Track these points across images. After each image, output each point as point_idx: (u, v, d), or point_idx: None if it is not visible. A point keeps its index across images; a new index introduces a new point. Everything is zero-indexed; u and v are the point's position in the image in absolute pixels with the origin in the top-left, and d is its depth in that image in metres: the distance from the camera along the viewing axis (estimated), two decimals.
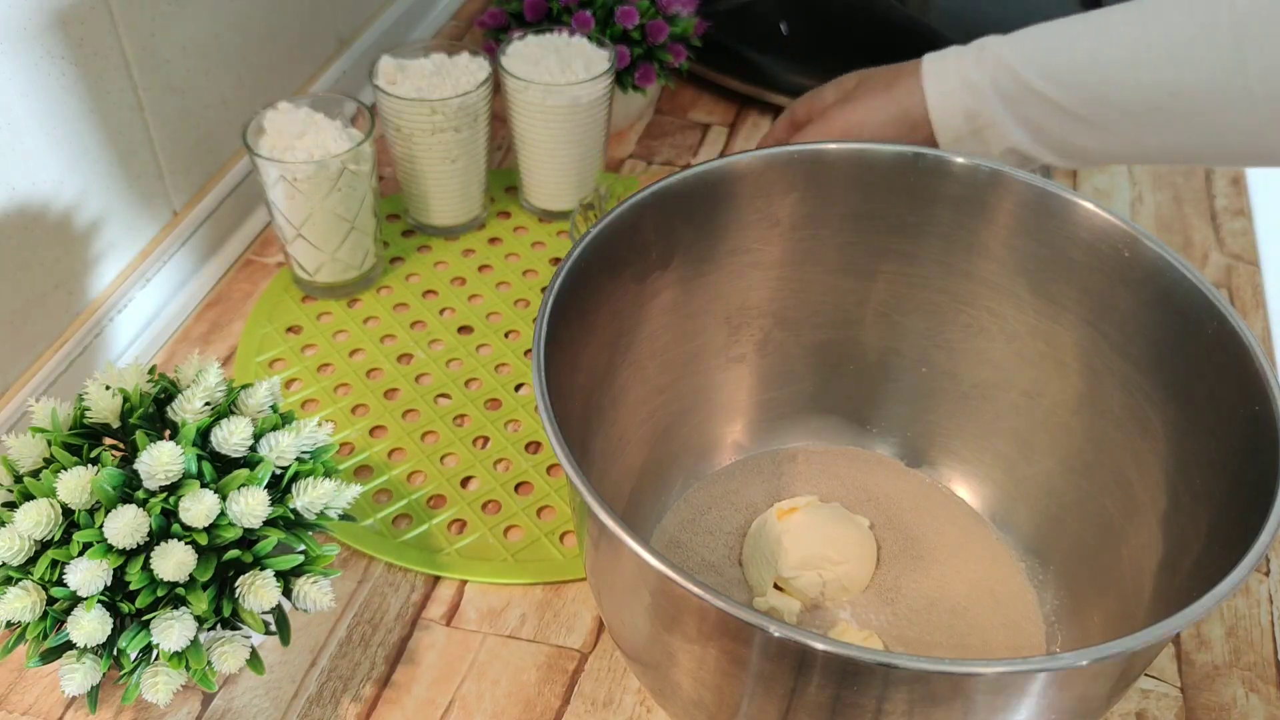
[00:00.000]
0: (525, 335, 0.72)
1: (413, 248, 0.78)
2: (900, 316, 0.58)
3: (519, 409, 0.67)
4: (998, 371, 0.57)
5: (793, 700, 0.39)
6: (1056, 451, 0.56)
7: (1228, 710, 0.54)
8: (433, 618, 0.57)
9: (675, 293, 0.55)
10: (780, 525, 0.55)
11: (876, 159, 0.54)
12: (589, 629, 0.56)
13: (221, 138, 0.75)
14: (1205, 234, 0.81)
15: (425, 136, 0.72)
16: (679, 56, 0.83)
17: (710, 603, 0.36)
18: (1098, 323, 0.52)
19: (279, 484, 0.49)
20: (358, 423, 0.66)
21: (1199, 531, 0.45)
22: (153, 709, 0.53)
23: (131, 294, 0.69)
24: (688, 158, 0.87)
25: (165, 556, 0.44)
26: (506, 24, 0.82)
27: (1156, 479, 0.49)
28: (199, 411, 0.49)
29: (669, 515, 0.59)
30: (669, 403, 0.58)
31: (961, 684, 0.37)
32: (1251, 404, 0.43)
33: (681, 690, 0.44)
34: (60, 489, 0.45)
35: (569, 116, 0.73)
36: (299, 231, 0.69)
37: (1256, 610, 0.58)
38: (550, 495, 0.62)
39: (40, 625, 0.45)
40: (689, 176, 0.52)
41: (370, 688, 0.54)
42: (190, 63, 0.70)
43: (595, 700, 0.53)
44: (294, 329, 0.72)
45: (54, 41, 0.59)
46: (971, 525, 0.59)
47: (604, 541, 0.43)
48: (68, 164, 0.62)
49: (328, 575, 0.49)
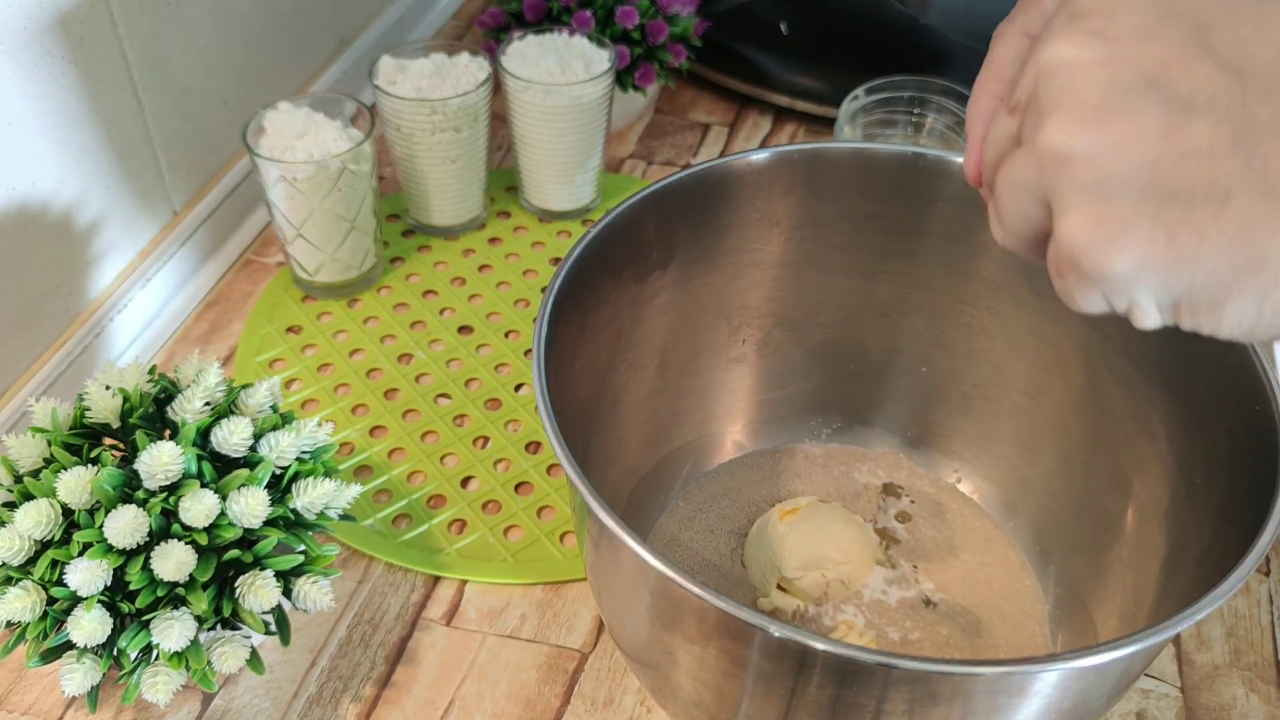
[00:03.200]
0: (525, 335, 0.72)
1: (413, 248, 0.78)
2: (901, 316, 0.58)
3: (519, 409, 0.67)
4: (998, 371, 0.57)
5: (793, 700, 0.39)
6: (1057, 451, 0.56)
7: (1228, 710, 0.54)
8: (433, 618, 0.57)
9: (675, 293, 0.55)
10: (782, 526, 0.55)
11: (877, 159, 0.54)
12: (589, 629, 0.56)
13: (221, 138, 0.75)
14: None
15: (425, 136, 0.72)
16: (679, 56, 0.83)
17: (710, 603, 0.36)
18: (1098, 323, 0.51)
19: (279, 484, 0.49)
20: (358, 423, 0.66)
21: (1199, 531, 0.45)
22: (153, 709, 0.53)
23: (131, 294, 0.69)
24: (688, 158, 0.87)
25: (165, 556, 0.44)
26: (506, 24, 0.82)
27: (1157, 479, 0.49)
28: (199, 411, 0.49)
29: (669, 515, 0.59)
30: (669, 403, 0.58)
31: (961, 684, 0.37)
32: (1251, 404, 0.43)
33: (681, 690, 0.44)
34: (60, 489, 0.45)
35: (569, 116, 0.73)
36: (299, 231, 0.69)
37: (1256, 610, 0.58)
38: (550, 495, 0.62)
39: (40, 625, 0.45)
40: (689, 176, 0.52)
41: (370, 688, 0.54)
42: (190, 63, 0.70)
43: (595, 700, 0.53)
44: (294, 329, 0.72)
45: (54, 41, 0.59)
46: (973, 524, 0.59)
47: (604, 541, 0.43)
48: (68, 164, 0.62)
49: (328, 575, 0.49)
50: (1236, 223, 0.28)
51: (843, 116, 0.73)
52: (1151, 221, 0.29)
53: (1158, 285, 0.29)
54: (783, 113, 0.91)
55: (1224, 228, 0.28)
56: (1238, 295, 0.29)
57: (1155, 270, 0.29)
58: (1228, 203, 0.28)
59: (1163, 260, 0.29)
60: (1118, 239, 0.29)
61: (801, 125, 0.90)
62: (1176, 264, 0.29)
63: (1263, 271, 0.28)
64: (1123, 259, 0.29)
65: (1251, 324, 0.29)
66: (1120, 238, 0.29)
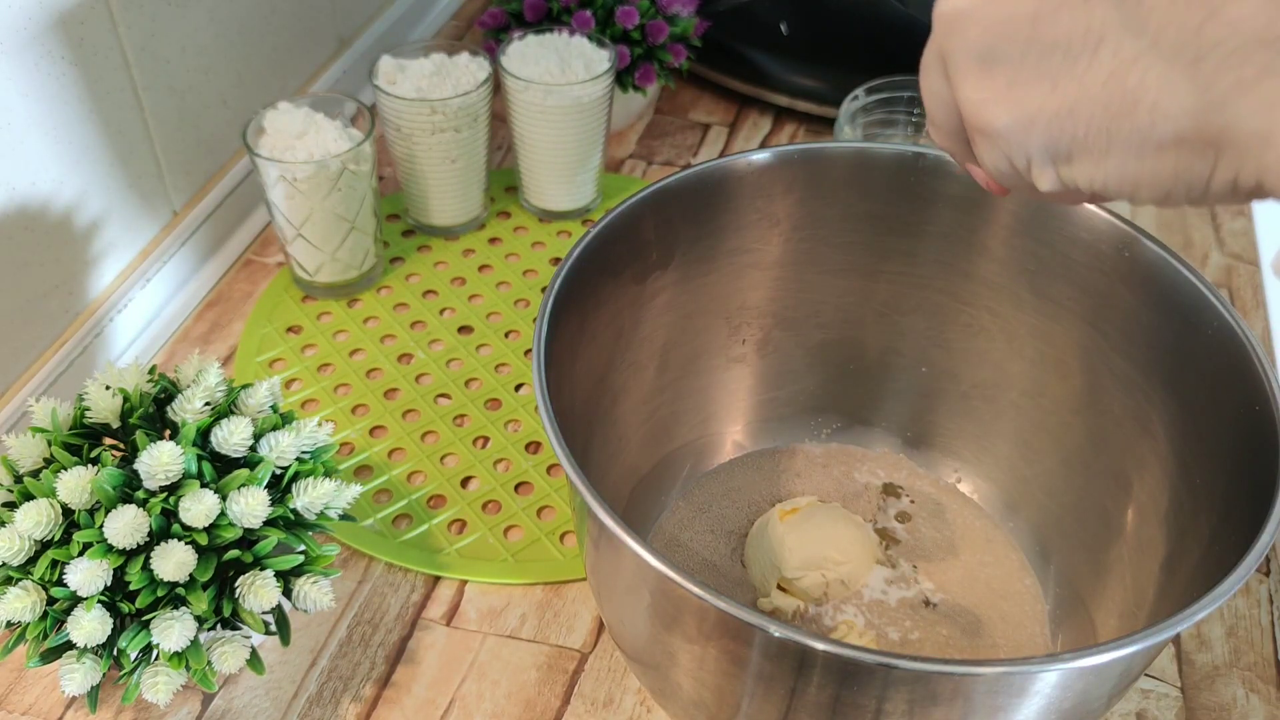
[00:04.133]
0: (525, 335, 0.72)
1: (413, 248, 0.78)
2: (900, 316, 0.58)
3: (519, 409, 0.67)
4: (998, 371, 0.57)
5: (793, 700, 0.39)
6: (1057, 451, 0.56)
7: (1228, 710, 0.54)
8: (433, 618, 0.57)
9: (675, 293, 0.55)
10: (782, 526, 0.55)
11: (876, 159, 0.54)
12: (589, 629, 0.56)
13: (221, 138, 0.75)
14: (1205, 234, 0.81)
15: (425, 136, 0.72)
16: (679, 56, 0.83)
17: (710, 603, 0.36)
18: (1098, 323, 0.51)
19: (279, 484, 0.49)
20: (358, 423, 0.66)
21: (1199, 531, 0.45)
22: (153, 709, 0.53)
23: (131, 294, 0.69)
24: (688, 158, 0.87)
25: (165, 556, 0.44)
26: (506, 24, 0.82)
27: (1157, 479, 0.49)
28: (199, 411, 0.49)
29: (669, 514, 0.59)
30: (669, 403, 0.58)
31: (961, 684, 0.37)
32: (1251, 404, 0.43)
33: (681, 690, 0.44)
34: (60, 489, 0.45)
35: (569, 116, 0.73)
36: (299, 231, 0.69)
37: (1256, 610, 0.58)
38: (550, 495, 0.62)
39: (40, 625, 0.45)
40: (689, 176, 0.52)
41: (370, 688, 0.54)
42: (190, 63, 0.70)
43: (595, 700, 0.53)
44: (294, 329, 0.72)
45: (54, 42, 0.59)
46: (973, 524, 0.59)
47: (604, 541, 0.43)
48: (68, 164, 0.62)
49: (328, 575, 0.49)
50: (1109, 64, 0.28)
51: (843, 116, 0.73)
52: (1035, 74, 0.30)
53: (1046, 138, 0.31)
54: (783, 113, 0.91)
55: (1098, 71, 0.29)
56: (1118, 141, 0.29)
57: (1042, 121, 0.30)
58: (1101, 46, 0.28)
59: (1047, 111, 0.30)
60: (1006, 95, 0.31)
61: (801, 125, 0.90)
62: (1059, 114, 0.30)
63: (1135, 113, 0.28)
64: (1012, 112, 0.31)
65: (1135, 176, 0.30)
66: (1009, 93, 0.31)
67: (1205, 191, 0.29)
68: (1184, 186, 0.29)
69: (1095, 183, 0.31)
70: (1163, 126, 0.28)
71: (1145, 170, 0.30)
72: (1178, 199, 0.30)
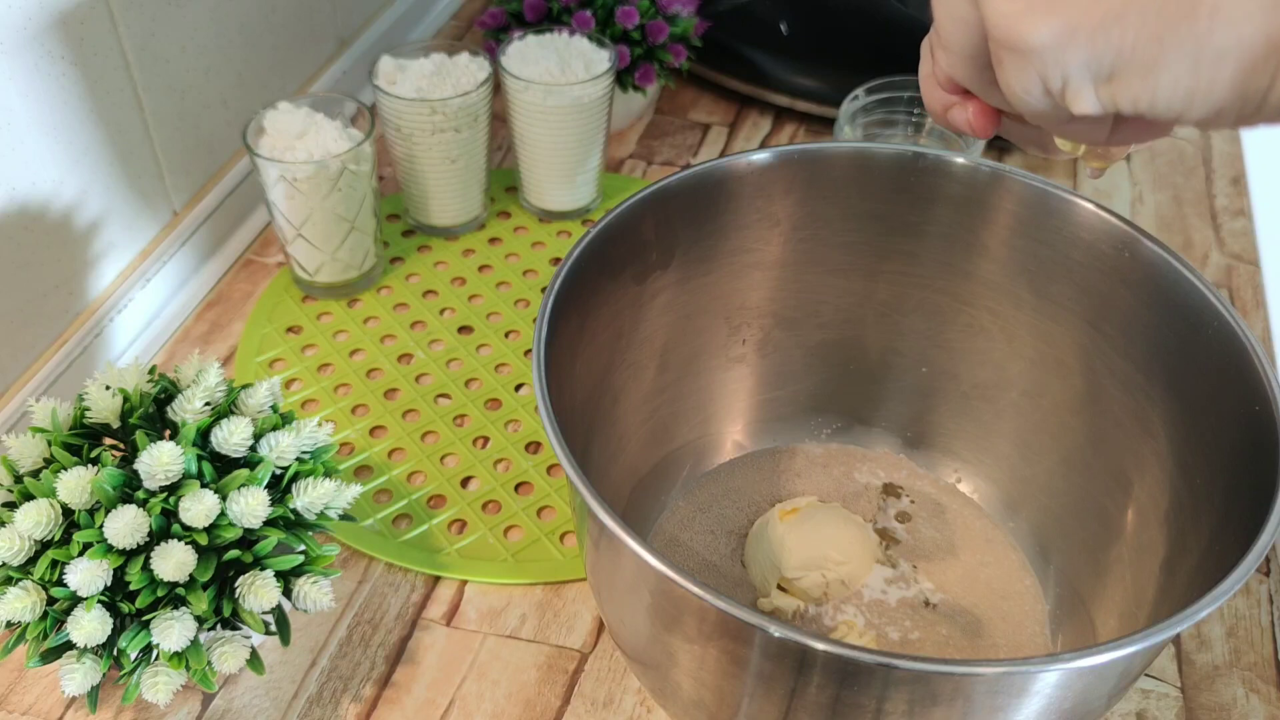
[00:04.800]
0: (525, 335, 0.72)
1: (413, 248, 0.78)
2: (900, 316, 0.58)
3: (519, 409, 0.67)
4: (998, 371, 0.57)
5: (793, 700, 0.39)
6: (1057, 451, 0.56)
7: (1228, 710, 0.54)
8: (433, 618, 0.57)
9: (675, 293, 0.55)
10: (782, 526, 0.55)
11: (876, 159, 0.54)
12: (589, 629, 0.56)
13: (221, 138, 0.75)
14: (1205, 234, 0.81)
15: (425, 136, 0.72)
16: (679, 56, 0.83)
17: (710, 603, 0.36)
18: (1098, 323, 0.51)
19: (279, 484, 0.49)
20: (358, 423, 0.66)
21: (1199, 531, 0.45)
22: (153, 709, 0.53)
23: (131, 294, 0.69)
24: (688, 158, 0.87)
25: (165, 556, 0.44)
26: (506, 24, 0.82)
27: (1157, 479, 0.49)
28: (199, 411, 0.49)
29: (669, 514, 0.59)
30: (669, 403, 0.58)
31: (962, 684, 0.37)
32: (1251, 404, 0.43)
33: (681, 690, 0.44)
34: (60, 489, 0.45)
35: (569, 116, 0.73)
36: (299, 231, 0.69)
37: (1256, 610, 0.58)
38: (550, 495, 0.62)
39: (40, 625, 0.45)
40: (689, 176, 0.52)
41: (370, 688, 0.54)
42: (190, 63, 0.70)
43: (595, 700, 0.53)
44: (294, 329, 0.72)
45: (54, 42, 0.59)
46: (973, 524, 0.59)
47: (604, 541, 0.43)
48: (68, 164, 0.62)
49: (328, 575, 0.49)
50: None
51: (843, 116, 0.73)
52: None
53: (1089, 52, 0.28)
54: (783, 113, 0.91)
55: None
56: (1172, 51, 0.26)
57: (1083, 33, 0.27)
58: None
59: (1091, 20, 0.27)
60: (1044, 3, 0.28)
61: (801, 125, 0.90)
62: (1104, 22, 0.27)
63: (1193, 17, 0.26)
64: (1050, 23, 0.28)
65: (1188, 89, 0.27)
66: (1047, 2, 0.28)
67: (1260, 106, 0.27)
68: (1239, 100, 0.27)
69: (1140, 102, 0.28)
70: (1224, 33, 0.25)
71: (1200, 83, 0.26)
72: (1227, 118, 0.27)
